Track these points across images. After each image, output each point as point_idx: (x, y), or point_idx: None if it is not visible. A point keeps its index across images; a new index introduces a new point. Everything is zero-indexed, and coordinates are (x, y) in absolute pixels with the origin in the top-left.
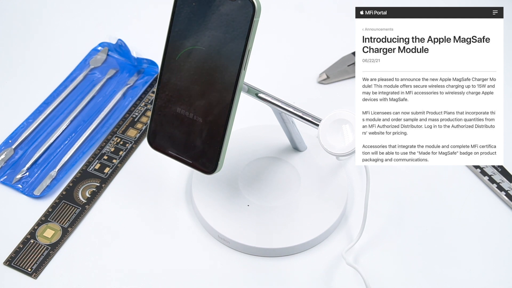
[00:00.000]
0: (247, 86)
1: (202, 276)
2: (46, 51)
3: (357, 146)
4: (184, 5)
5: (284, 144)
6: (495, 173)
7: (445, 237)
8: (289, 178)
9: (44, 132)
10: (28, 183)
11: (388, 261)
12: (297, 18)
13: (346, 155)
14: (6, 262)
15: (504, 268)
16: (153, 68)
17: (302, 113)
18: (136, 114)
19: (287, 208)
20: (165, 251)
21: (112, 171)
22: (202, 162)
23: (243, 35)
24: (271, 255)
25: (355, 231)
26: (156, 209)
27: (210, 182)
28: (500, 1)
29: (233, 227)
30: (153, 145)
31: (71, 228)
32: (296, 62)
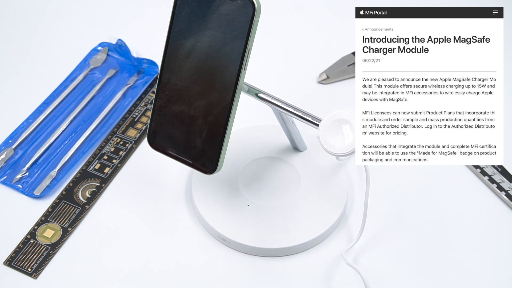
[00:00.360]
0: (247, 86)
1: (202, 276)
2: (46, 51)
3: (357, 146)
4: (184, 5)
5: (284, 144)
6: (495, 173)
7: (445, 237)
8: (289, 178)
9: (44, 132)
10: (28, 183)
11: (388, 261)
12: (297, 18)
13: (346, 155)
14: (6, 262)
15: (504, 268)
16: (153, 68)
17: (302, 113)
18: (136, 114)
19: (287, 208)
20: (165, 251)
21: (112, 171)
22: (202, 162)
23: (243, 35)
24: (271, 255)
25: (355, 231)
26: (156, 209)
27: (210, 182)
28: (500, 1)
29: (233, 227)
30: (153, 145)
31: (71, 228)
32: (296, 62)
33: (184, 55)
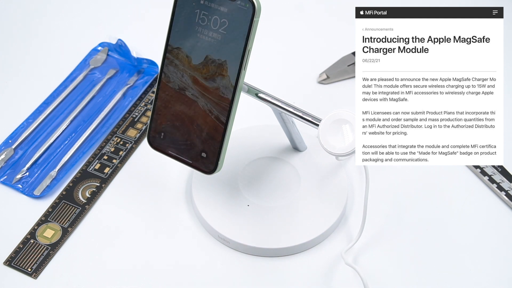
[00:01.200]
0: (247, 86)
1: (202, 276)
2: (46, 51)
3: (357, 146)
4: (184, 5)
5: (284, 144)
6: (495, 173)
7: (445, 237)
8: (289, 178)
9: (44, 132)
10: (28, 183)
11: (389, 261)
12: (297, 18)
13: (346, 155)
14: (6, 262)
15: (504, 268)
16: (153, 68)
17: (302, 113)
18: (136, 114)
19: (287, 208)
20: (165, 251)
21: (112, 171)
22: (202, 162)
23: (243, 35)
24: (271, 255)
25: (355, 231)
26: (156, 209)
27: (210, 182)
28: (500, 1)
29: (233, 227)
30: (153, 145)
31: (71, 228)
32: (296, 62)
33: (184, 55)
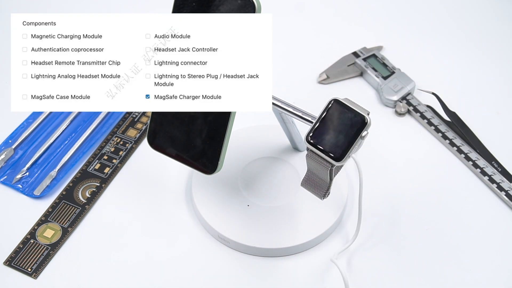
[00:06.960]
0: None
1: (202, 276)
2: None
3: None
4: (184, 5)
5: (284, 144)
6: (495, 173)
7: (445, 237)
8: (289, 178)
9: (44, 132)
10: (28, 183)
11: (388, 261)
12: (297, 18)
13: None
14: (6, 262)
15: (504, 268)
16: None
17: (302, 113)
18: (136, 114)
19: (287, 208)
20: (165, 251)
21: (112, 171)
22: (202, 162)
23: None
24: (271, 255)
25: (354, 231)
26: (156, 209)
27: (210, 182)
28: (500, 1)
29: (233, 227)
30: (153, 145)
31: (71, 228)
32: (296, 62)
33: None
